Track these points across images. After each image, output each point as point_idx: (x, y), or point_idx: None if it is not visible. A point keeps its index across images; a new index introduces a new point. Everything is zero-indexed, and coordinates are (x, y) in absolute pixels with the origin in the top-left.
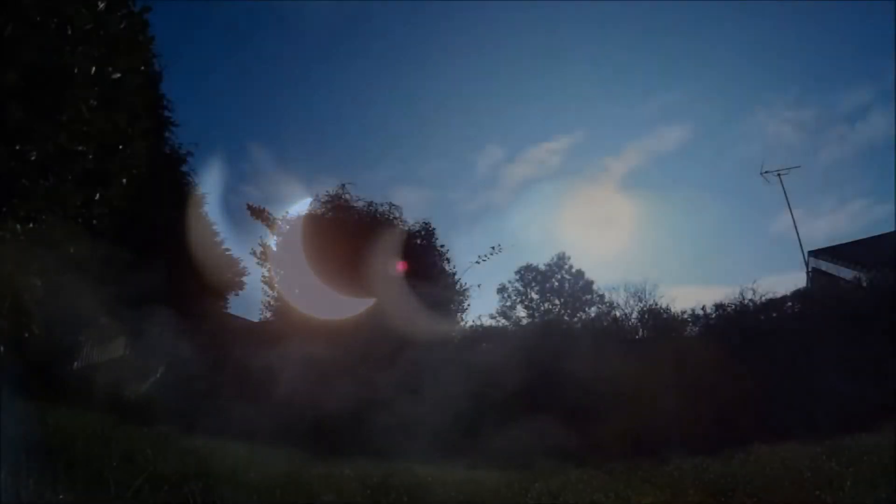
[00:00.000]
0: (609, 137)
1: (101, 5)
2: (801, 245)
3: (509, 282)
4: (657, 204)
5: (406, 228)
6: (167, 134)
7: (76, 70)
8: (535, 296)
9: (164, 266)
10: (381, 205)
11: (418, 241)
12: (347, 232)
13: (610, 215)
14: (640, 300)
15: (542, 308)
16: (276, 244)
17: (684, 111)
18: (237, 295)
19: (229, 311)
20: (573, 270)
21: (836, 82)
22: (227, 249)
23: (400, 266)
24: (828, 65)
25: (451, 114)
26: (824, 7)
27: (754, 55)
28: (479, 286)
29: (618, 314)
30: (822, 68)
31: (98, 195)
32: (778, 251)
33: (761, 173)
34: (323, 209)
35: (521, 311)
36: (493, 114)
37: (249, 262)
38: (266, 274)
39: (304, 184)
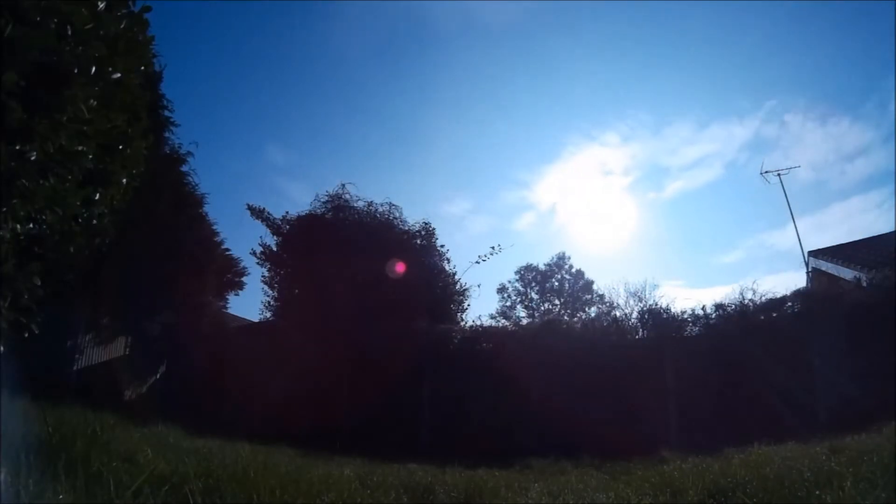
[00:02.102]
0: (656, 178)
1: (101, 5)
2: (801, 245)
3: (509, 282)
4: (687, 225)
5: (406, 228)
6: (167, 134)
7: (76, 70)
8: (535, 296)
9: (165, 266)
10: (382, 205)
11: (418, 242)
12: (347, 232)
13: (647, 235)
14: (640, 300)
15: (542, 308)
16: (276, 244)
17: (715, 160)
18: (237, 295)
19: (229, 310)
20: (573, 270)
21: (840, 126)
22: (227, 249)
23: (400, 266)
24: (832, 113)
25: (517, 155)
26: (827, 64)
27: (772, 113)
28: (479, 286)
29: (617, 314)
30: (827, 115)
31: (98, 195)
32: (786, 259)
33: (761, 173)
34: (323, 209)
35: (521, 311)
36: (556, 157)
37: (249, 262)
38: (266, 274)
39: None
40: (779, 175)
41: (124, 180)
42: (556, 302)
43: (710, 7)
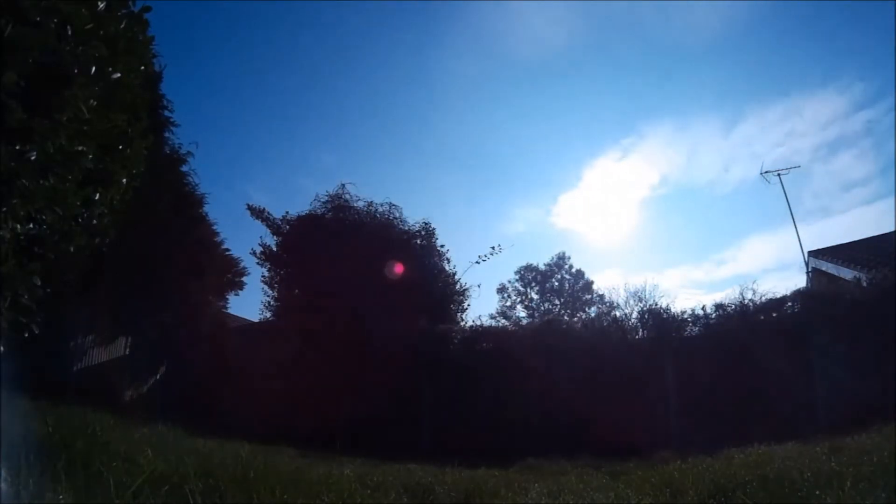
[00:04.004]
0: (681, 210)
1: (101, 5)
2: (801, 245)
3: (509, 282)
4: (695, 233)
5: (406, 228)
6: (167, 134)
7: (76, 70)
8: (535, 296)
9: (165, 266)
10: (381, 205)
11: (418, 241)
12: (347, 232)
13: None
14: (640, 300)
15: (542, 308)
16: (276, 244)
17: (733, 197)
18: (237, 295)
19: (229, 310)
20: (573, 270)
21: (841, 162)
22: (227, 249)
23: (400, 266)
24: (833, 153)
25: (565, 187)
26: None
27: (781, 157)
28: (479, 286)
29: (617, 314)
30: (829, 155)
31: (98, 195)
32: (790, 265)
33: (761, 173)
34: (323, 209)
35: (521, 311)
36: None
37: (249, 262)
38: (266, 274)
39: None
40: (779, 175)
41: (124, 180)
42: (556, 302)
43: (733, 80)
